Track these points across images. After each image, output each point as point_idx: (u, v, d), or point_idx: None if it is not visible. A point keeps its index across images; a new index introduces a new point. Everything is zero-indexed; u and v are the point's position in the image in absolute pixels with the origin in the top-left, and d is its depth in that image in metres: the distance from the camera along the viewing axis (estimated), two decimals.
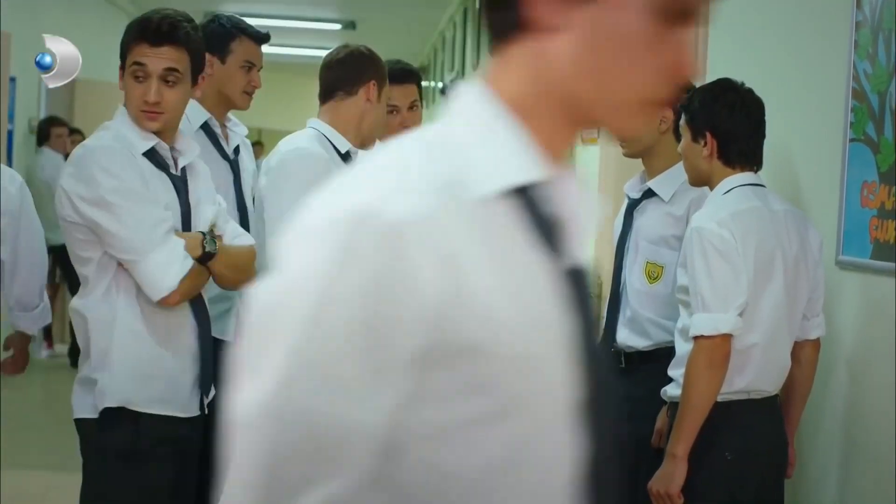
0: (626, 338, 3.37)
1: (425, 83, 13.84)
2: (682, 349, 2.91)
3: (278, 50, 12.40)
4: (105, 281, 2.72)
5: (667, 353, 3.08)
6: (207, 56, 2.95)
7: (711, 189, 2.97)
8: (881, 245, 2.87)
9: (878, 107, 2.91)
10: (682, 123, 3.00)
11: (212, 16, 3.55)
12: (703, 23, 1.12)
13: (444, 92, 12.05)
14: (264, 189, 3.17)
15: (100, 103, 9.23)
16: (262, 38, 3.52)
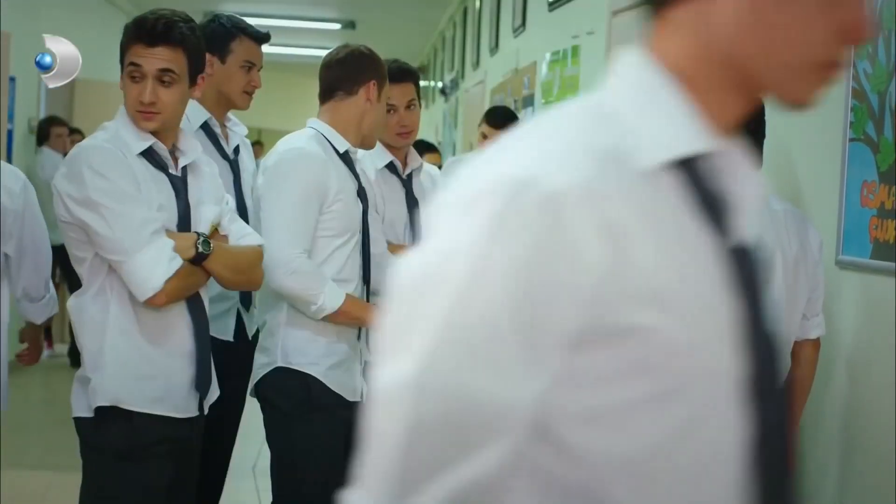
0: None
1: (425, 83, 13.87)
2: None
3: (278, 50, 12.41)
4: (98, 281, 2.71)
5: None
6: (207, 56, 2.94)
7: None
8: (881, 245, 2.87)
9: (878, 106, 2.91)
10: None
11: (212, 16, 3.55)
12: None
13: (443, 91, 12.04)
14: (261, 188, 3.17)
15: (99, 103, 9.24)
16: (262, 37, 3.52)
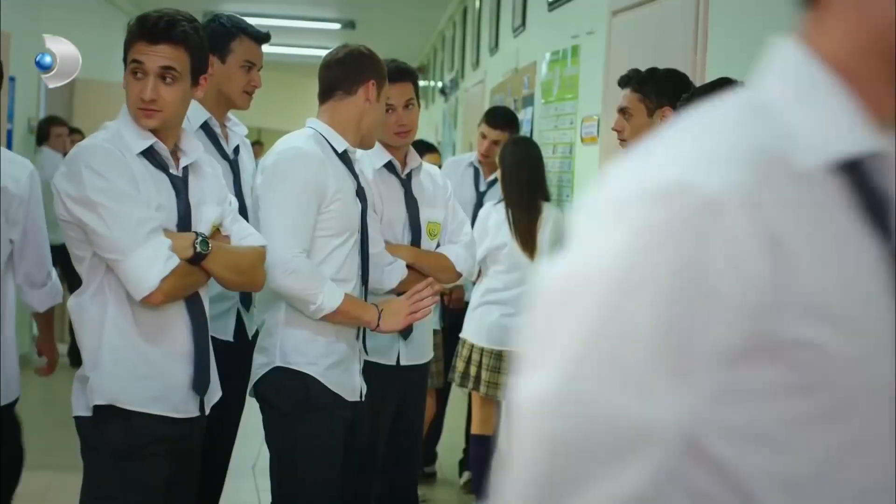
0: None
1: (425, 83, 13.87)
2: None
3: (278, 50, 12.42)
4: (97, 279, 2.71)
5: None
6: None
7: None
8: None
9: None
10: None
11: (212, 15, 3.55)
12: None
13: (443, 91, 12.04)
14: (260, 188, 3.17)
15: (99, 103, 9.24)
16: (262, 37, 3.52)
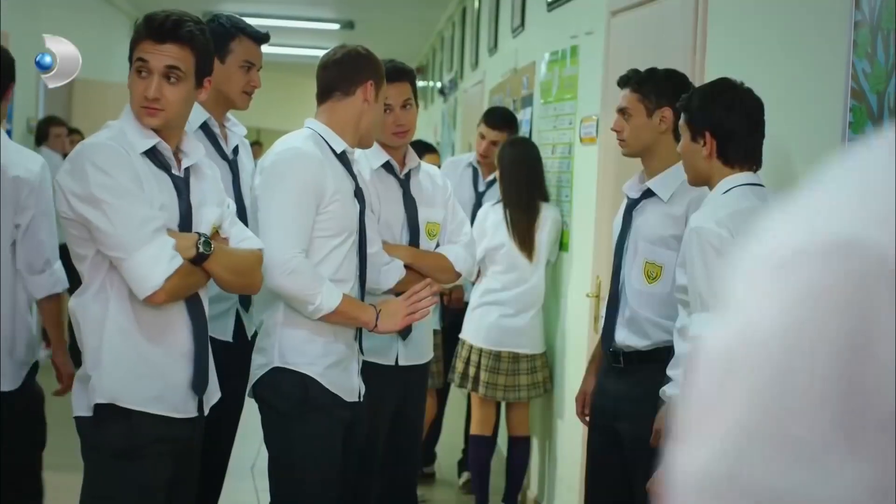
0: (624, 338, 3.38)
1: (424, 83, 13.86)
2: (681, 349, 2.91)
3: (278, 50, 12.42)
4: (99, 278, 2.72)
5: (666, 353, 3.08)
6: None
7: (711, 189, 2.97)
8: None
9: (877, 106, 2.91)
10: (681, 123, 3.00)
11: (211, 16, 3.55)
12: None
13: (442, 92, 12.03)
14: (258, 188, 3.18)
15: (98, 103, 9.24)
16: (261, 37, 3.52)
